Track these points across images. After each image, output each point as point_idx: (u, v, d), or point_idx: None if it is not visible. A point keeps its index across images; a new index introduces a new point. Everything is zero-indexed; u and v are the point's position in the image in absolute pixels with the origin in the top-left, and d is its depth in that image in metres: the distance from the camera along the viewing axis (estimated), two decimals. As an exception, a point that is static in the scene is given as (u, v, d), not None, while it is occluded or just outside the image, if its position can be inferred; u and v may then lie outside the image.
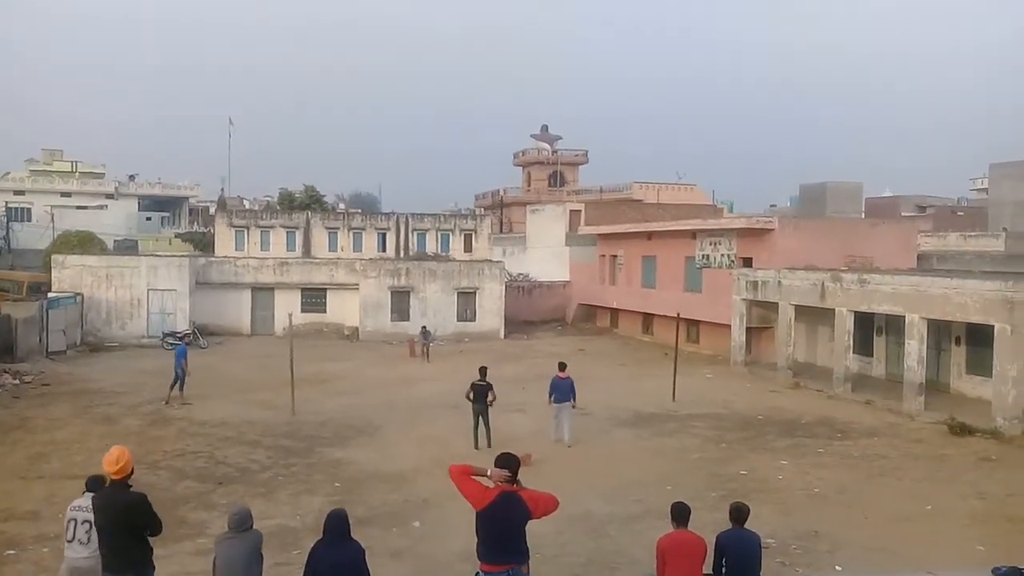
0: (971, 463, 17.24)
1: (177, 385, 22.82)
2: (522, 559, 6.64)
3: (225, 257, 45.74)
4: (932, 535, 12.87)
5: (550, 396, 18.90)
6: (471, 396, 18.20)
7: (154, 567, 7.93)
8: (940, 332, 24.55)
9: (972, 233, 45.05)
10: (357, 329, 39.83)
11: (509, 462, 6.87)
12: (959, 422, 20.11)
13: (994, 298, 20.52)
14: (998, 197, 56.65)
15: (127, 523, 7.63)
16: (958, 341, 24.69)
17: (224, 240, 53.99)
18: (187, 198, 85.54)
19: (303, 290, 41.11)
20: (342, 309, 41.03)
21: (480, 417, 18.12)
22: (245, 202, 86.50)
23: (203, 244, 63.99)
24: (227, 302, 40.00)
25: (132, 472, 7.86)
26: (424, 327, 34.82)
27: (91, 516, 8.02)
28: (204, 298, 38.85)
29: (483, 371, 18.62)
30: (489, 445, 17.58)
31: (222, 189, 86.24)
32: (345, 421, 20.94)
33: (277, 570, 10.68)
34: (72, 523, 8.22)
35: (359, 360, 32.40)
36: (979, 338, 22.93)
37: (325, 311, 41.29)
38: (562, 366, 19.44)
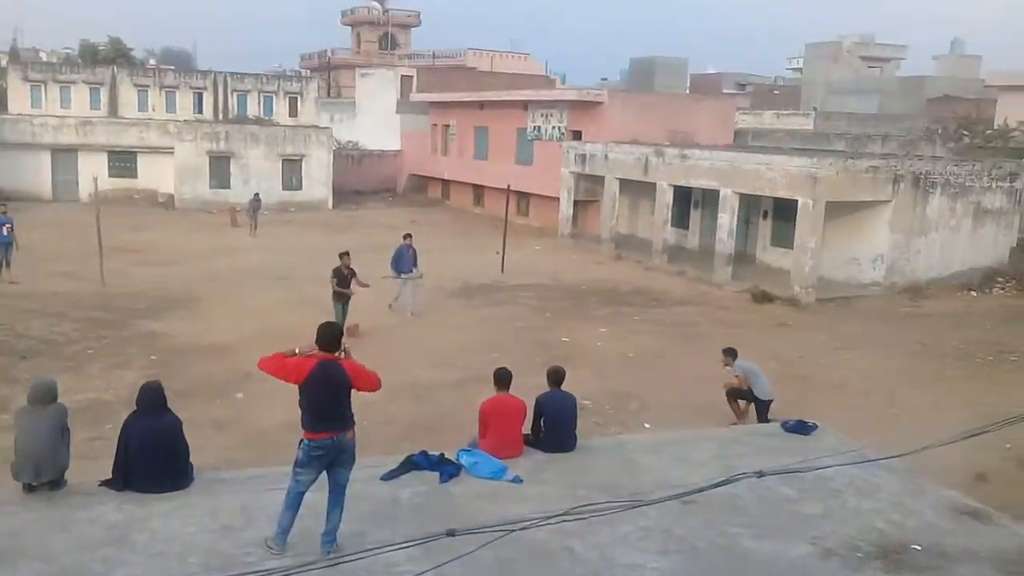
0: (770, 328, 18.74)
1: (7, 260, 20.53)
2: (345, 425, 6.65)
3: (20, 115, 41.44)
4: (732, 393, 14.00)
5: (392, 266, 18.65)
6: (335, 283, 16.45)
7: None
8: (750, 206, 26.08)
9: (785, 112, 47.58)
10: (173, 196, 37.54)
11: (328, 332, 6.77)
12: (762, 290, 21.72)
13: (799, 174, 21.90)
14: (811, 76, 59.80)
15: None
16: (765, 215, 26.37)
17: (18, 96, 48.75)
18: (-29, 48, 76.18)
19: (110, 153, 37.89)
20: (155, 175, 38.26)
21: (343, 307, 16.51)
22: (42, 54, 78.10)
23: (-7, 100, 57.59)
24: (23, 165, 36.35)
25: None
26: (256, 195, 33.32)
27: None
28: (-4, 159, 35.25)
29: (345, 257, 16.72)
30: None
31: (14, 39, 77.35)
32: (161, 292, 19.98)
33: (90, 444, 10.23)
34: None
35: (176, 229, 30.73)
36: (784, 212, 24.54)
37: (136, 176, 38.35)
38: (407, 236, 19.13)
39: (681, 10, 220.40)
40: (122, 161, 38.10)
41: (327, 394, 6.49)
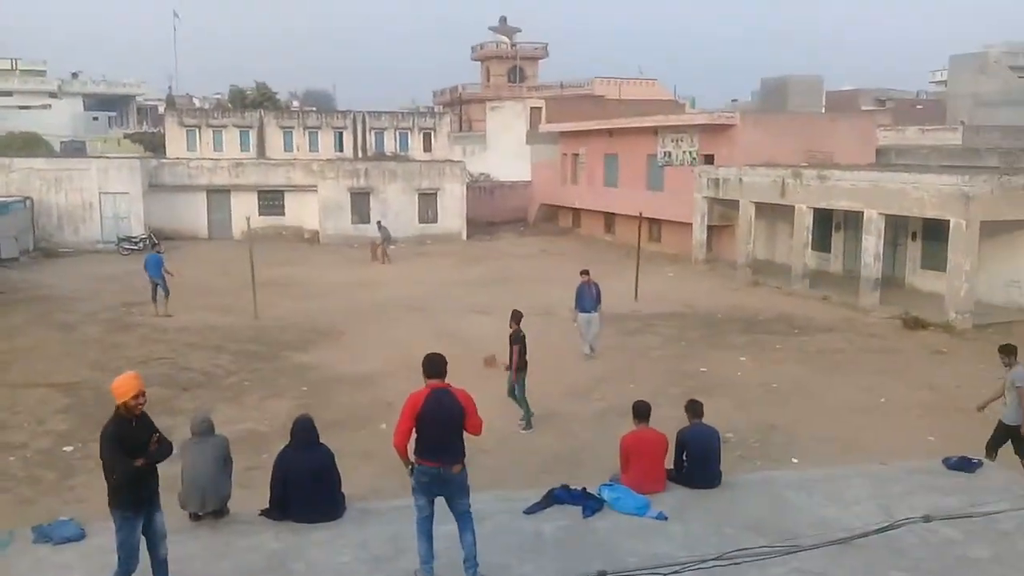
0: (923, 356, 17.77)
1: (160, 295, 21.74)
2: (454, 459, 6.64)
3: (178, 159, 44.50)
4: (885, 426, 13.35)
5: (576, 304, 17.80)
6: (518, 351, 13.27)
7: None
8: (897, 228, 24.87)
9: (930, 127, 45.25)
10: (317, 232, 39.30)
11: (432, 361, 6.80)
12: (913, 316, 20.62)
13: (950, 193, 20.73)
14: (957, 90, 56.86)
15: None
16: (914, 236, 25.09)
17: (175, 141, 52.52)
18: (134, 96, 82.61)
19: (260, 192, 40.16)
20: (301, 212, 40.31)
21: (524, 380, 13.37)
22: (195, 100, 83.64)
23: (153, 145, 62.08)
24: (181, 205, 39.03)
25: None
26: (379, 222, 34.26)
27: None
28: (158, 201, 37.90)
29: (517, 317, 13.58)
30: (528, 424, 13.37)
31: (170, 87, 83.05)
32: (309, 325, 20.88)
33: (248, 474, 10.73)
34: None
35: (320, 264, 32.10)
36: (935, 233, 23.31)
37: (284, 214, 40.48)
38: (584, 272, 17.96)
39: (810, 27, 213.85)
40: (271, 200, 40.31)
41: (438, 421, 6.56)
